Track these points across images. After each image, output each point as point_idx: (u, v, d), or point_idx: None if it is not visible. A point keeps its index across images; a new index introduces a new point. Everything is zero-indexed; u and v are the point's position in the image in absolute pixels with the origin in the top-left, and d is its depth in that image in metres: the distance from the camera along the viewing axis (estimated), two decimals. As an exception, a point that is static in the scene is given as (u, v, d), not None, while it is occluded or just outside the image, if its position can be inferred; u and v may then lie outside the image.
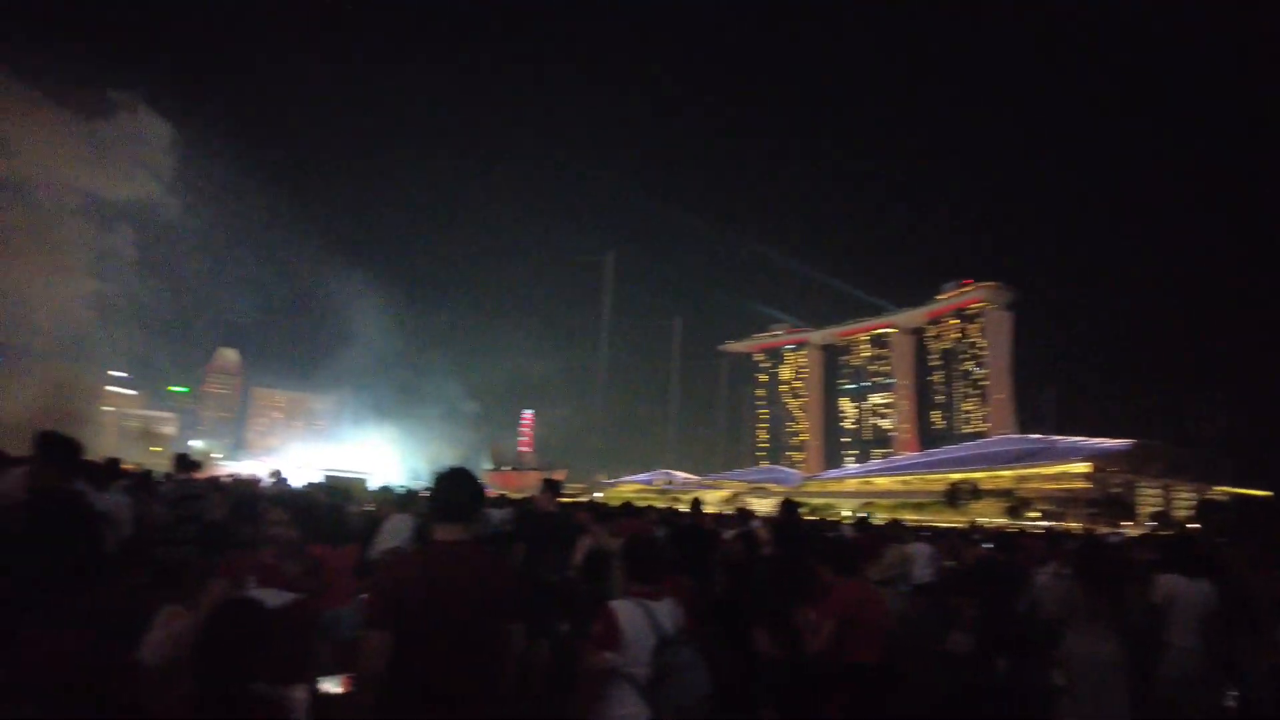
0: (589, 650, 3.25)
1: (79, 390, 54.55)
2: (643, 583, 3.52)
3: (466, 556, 2.84)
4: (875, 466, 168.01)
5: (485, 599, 2.76)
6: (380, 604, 2.69)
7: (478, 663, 2.73)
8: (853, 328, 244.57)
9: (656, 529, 7.87)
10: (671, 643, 3.26)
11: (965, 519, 66.51)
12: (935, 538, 14.56)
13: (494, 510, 13.75)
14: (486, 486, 18.30)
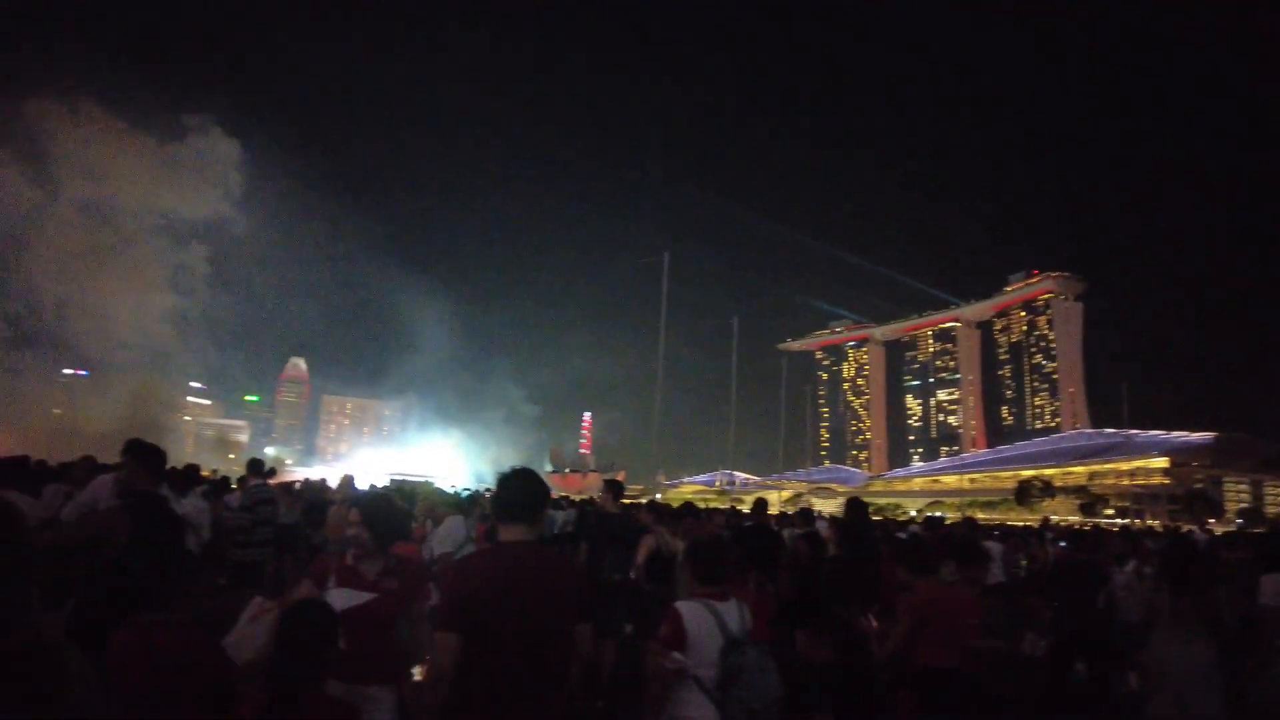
0: (656, 652, 3.22)
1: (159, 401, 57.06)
2: (708, 584, 3.47)
3: (532, 557, 2.83)
4: (942, 464, 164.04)
5: (552, 600, 2.75)
6: (448, 605, 2.72)
7: (546, 664, 2.72)
8: (916, 323, 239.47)
9: (723, 531, 7.81)
10: (739, 644, 3.21)
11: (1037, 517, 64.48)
12: (1005, 537, 14.16)
13: (556, 512, 13.89)
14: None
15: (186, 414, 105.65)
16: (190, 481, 8.60)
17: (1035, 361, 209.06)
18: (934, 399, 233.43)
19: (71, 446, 17.00)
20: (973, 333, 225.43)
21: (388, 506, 3.95)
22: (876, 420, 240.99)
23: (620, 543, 6.95)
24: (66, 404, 55.29)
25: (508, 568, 2.77)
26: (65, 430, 43.20)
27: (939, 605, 4.63)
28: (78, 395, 56.60)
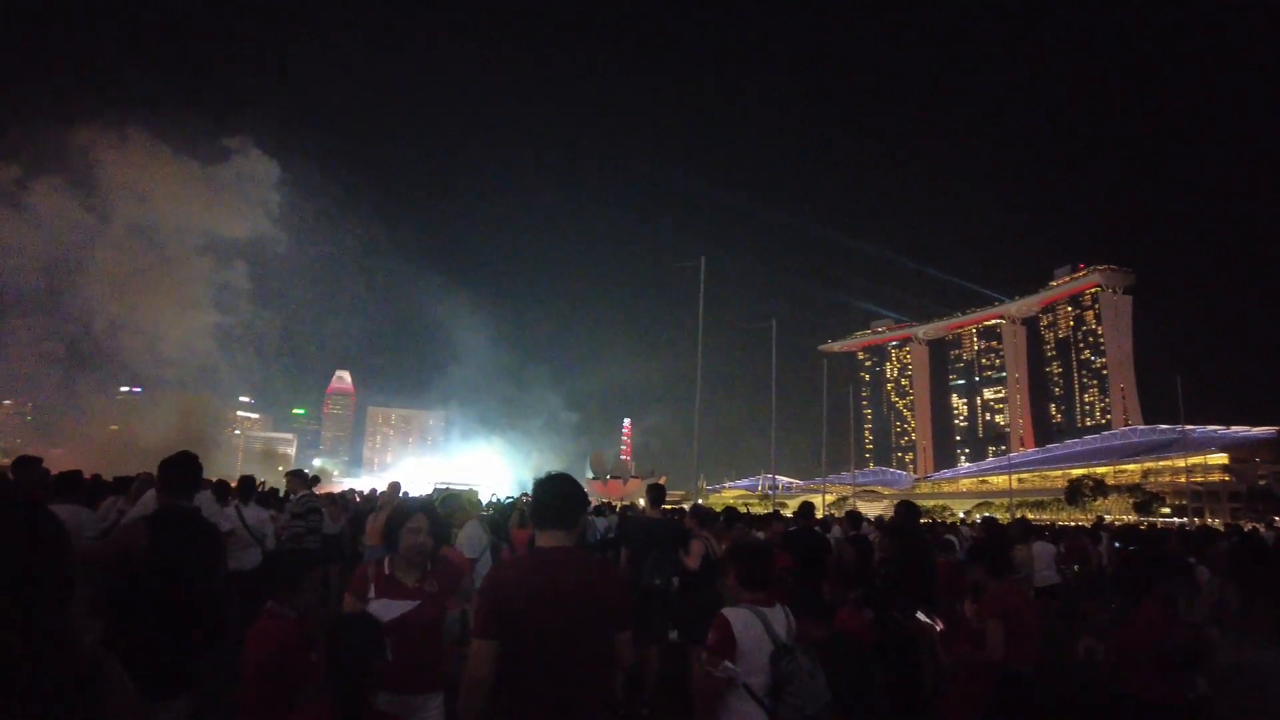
0: (707, 660, 3.16)
1: (207, 415, 58.76)
2: (753, 589, 3.42)
3: (570, 563, 2.79)
4: (990, 465, 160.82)
5: (591, 606, 2.70)
6: (484, 613, 2.68)
7: (586, 671, 2.67)
8: (960, 321, 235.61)
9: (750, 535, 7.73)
10: (789, 650, 3.16)
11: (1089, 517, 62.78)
12: (1056, 537, 13.80)
13: (598, 518, 13.89)
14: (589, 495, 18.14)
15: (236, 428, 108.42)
16: (249, 492, 8.81)
17: (1084, 357, 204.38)
18: (980, 398, 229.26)
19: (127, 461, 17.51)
20: (1018, 329, 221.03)
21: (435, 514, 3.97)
22: (921, 421, 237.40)
23: (661, 548, 6.88)
24: (123, 420, 57.09)
25: (545, 574, 2.73)
26: (121, 445, 44.58)
27: (1019, 607, 4.58)
28: (132, 411, 58.46)
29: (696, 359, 32.55)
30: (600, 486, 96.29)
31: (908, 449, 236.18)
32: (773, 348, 42.25)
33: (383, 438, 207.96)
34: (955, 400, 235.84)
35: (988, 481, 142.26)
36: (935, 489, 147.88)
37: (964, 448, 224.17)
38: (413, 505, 4.10)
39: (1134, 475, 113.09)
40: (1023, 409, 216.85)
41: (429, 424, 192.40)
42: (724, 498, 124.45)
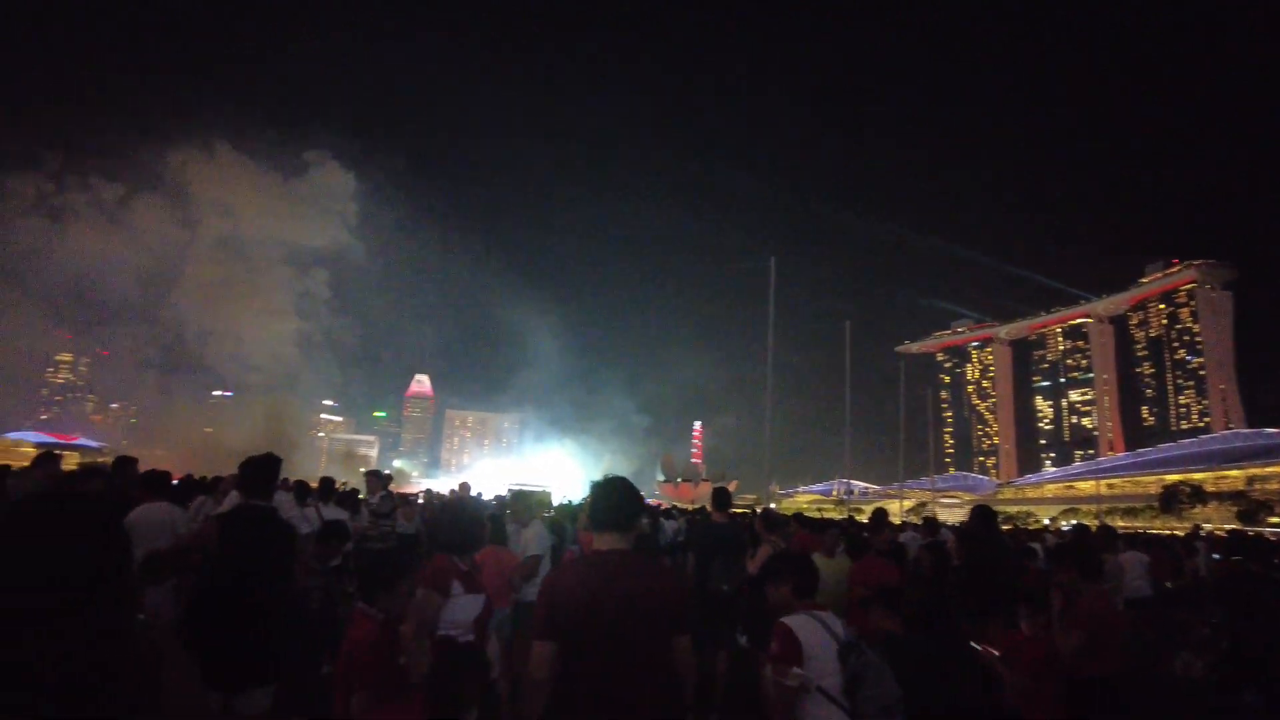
0: (775, 670, 3.15)
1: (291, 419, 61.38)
2: (806, 597, 3.44)
3: (626, 566, 2.79)
4: (1077, 469, 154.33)
5: (647, 609, 2.69)
6: (542, 614, 2.71)
7: (643, 675, 2.66)
8: (1044, 320, 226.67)
9: (838, 544, 7.54)
10: (856, 646, 3.17)
11: (1185, 525, 59.53)
12: (1149, 546, 13.11)
13: (667, 521, 13.87)
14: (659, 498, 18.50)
15: (320, 430, 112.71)
16: (328, 493, 9.11)
17: (1179, 357, 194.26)
18: (1066, 400, 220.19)
19: (218, 461, 18.39)
20: (1106, 328, 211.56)
21: (452, 515, 4.00)
22: (1004, 424, 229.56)
23: (727, 553, 6.80)
24: (215, 422, 60.07)
25: (600, 576, 2.75)
26: (213, 446, 46.87)
27: (1108, 614, 4.44)
28: (223, 414, 61.48)
29: (767, 361, 32.25)
30: (671, 489, 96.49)
31: (989, 453, 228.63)
32: (846, 349, 41.61)
33: (460, 440, 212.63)
34: (1039, 403, 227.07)
35: (1074, 487, 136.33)
36: (1019, 494, 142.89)
37: (1049, 452, 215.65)
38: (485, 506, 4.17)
39: (1237, 482, 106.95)
40: (1112, 411, 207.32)
41: (504, 427, 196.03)
42: (797, 502, 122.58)
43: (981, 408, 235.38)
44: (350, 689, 3.13)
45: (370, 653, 3.16)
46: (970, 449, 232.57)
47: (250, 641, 3.89)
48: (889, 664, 3.22)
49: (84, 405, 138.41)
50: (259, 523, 4.29)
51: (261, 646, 3.97)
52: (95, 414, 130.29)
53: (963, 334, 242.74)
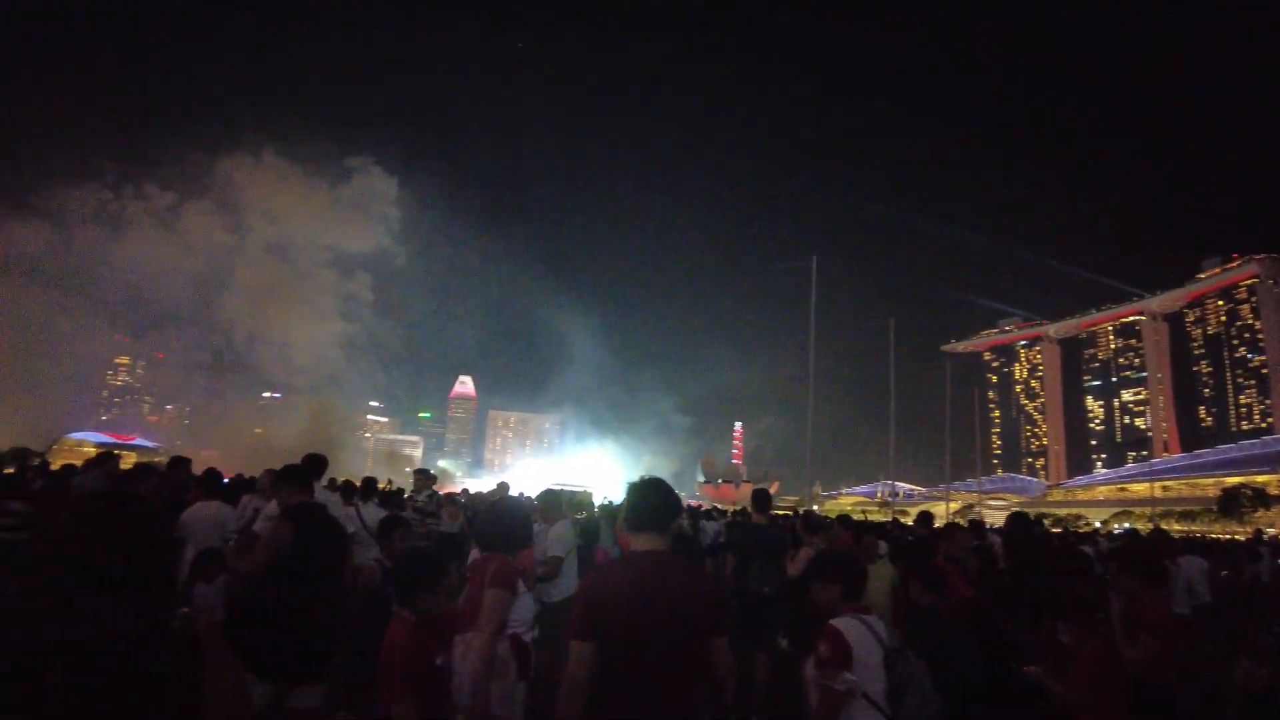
0: (823, 673, 3.14)
1: (336, 419, 62.69)
2: (851, 600, 3.39)
3: (663, 567, 2.80)
4: (1130, 471, 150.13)
5: (683, 611, 2.70)
6: (581, 615, 2.71)
7: (679, 675, 2.68)
8: (1095, 318, 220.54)
9: (877, 545, 7.47)
10: (902, 652, 3.16)
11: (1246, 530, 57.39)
12: (1207, 551, 12.71)
13: (708, 523, 13.84)
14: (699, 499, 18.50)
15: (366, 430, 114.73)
16: (370, 492, 9.28)
17: (1239, 355, 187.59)
18: (1118, 400, 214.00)
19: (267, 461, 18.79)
20: (1160, 326, 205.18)
21: (498, 514, 4.05)
22: (1053, 425, 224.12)
23: (767, 555, 6.77)
24: (265, 423, 61.58)
25: (638, 577, 2.76)
26: (262, 446, 48.02)
27: (1171, 621, 4.36)
28: (272, 415, 62.98)
29: (809, 361, 32.01)
30: (712, 490, 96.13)
31: (1038, 454, 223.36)
32: (891, 348, 41.05)
33: (502, 440, 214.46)
34: (1090, 403, 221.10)
35: (1127, 489, 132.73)
36: (1069, 497, 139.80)
37: (1100, 453, 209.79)
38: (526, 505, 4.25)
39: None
40: (1167, 412, 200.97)
41: (545, 427, 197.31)
42: (841, 504, 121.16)
43: (1030, 408, 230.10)
44: (390, 692, 3.16)
45: (401, 656, 3.16)
46: (1018, 450, 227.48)
47: (311, 636, 4.02)
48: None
49: (141, 407, 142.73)
50: (322, 520, 4.49)
51: (322, 641, 4.10)
52: (152, 415, 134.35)
53: (1010, 332, 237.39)
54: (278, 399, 68.46)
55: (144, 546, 1.47)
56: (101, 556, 1.41)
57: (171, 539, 6.31)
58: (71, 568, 1.40)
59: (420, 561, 3.59)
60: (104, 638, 1.33)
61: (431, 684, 3.28)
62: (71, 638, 1.31)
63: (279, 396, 68.02)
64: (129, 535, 1.46)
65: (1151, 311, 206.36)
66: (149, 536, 1.50)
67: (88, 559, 1.41)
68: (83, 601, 1.35)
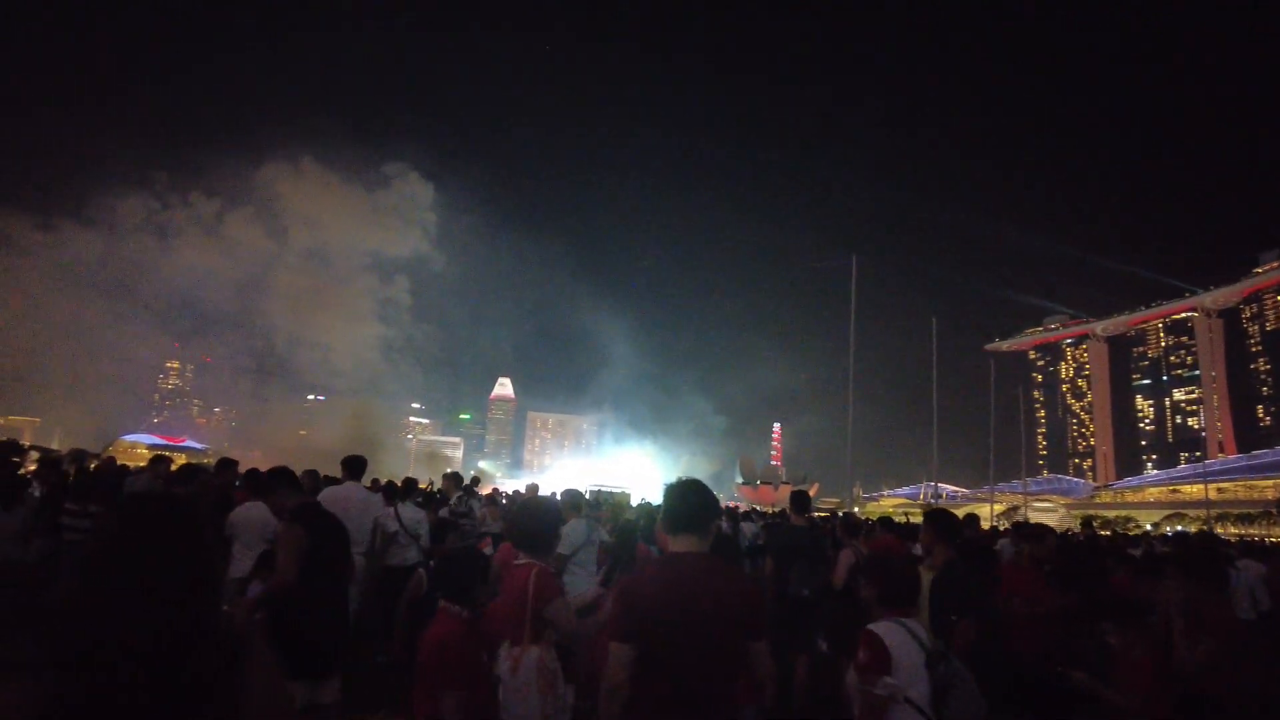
0: (862, 679, 3.08)
1: (376, 421, 63.75)
2: (892, 606, 3.28)
3: (702, 569, 2.78)
4: (1183, 472, 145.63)
5: (722, 613, 2.67)
6: (620, 616, 2.71)
7: (717, 678, 2.65)
8: (1144, 315, 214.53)
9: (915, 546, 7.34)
10: (944, 655, 3.08)
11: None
12: (1265, 555, 12.25)
13: (747, 524, 13.74)
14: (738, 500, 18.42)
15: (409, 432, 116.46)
16: (408, 493, 9.41)
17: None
18: (1169, 399, 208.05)
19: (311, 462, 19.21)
20: (1214, 323, 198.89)
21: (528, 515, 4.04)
22: (1101, 425, 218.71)
23: (807, 557, 6.68)
24: (309, 425, 62.88)
25: (677, 579, 2.73)
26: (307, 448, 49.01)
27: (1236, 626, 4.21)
28: (316, 417, 64.29)
29: (849, 360, 31.61)
30: (750, 492, 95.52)
31: (1085, 455, 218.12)
32: (933, 347, 40.32)
33: (541, 441, 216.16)
34: (1140, 402, 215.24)
35: (1180, 491, 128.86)
36: (1118, 498, 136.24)
37: (1150, 454, 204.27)
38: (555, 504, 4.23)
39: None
40: (1221, 411, 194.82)
41: (583, 428, 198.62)
42: (882, 506, 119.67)
43: (1076, 407, 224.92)
44: (434, 686, 3.15)
45: (455, 652, 3.17)
46: (1065, 451, 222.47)
47: (331, 632, 4.13)
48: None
49: (190, 409, 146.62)
50: (326, 518, 4.66)
51: (340, 636, 4.23)
52: (200, 418, 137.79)
53: (1056, 330, 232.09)
54: (321, 401, 69.80)
55: (189, 547, 1.50)
56: (145, 557, 1.44)
57: (218, 540, 6.45)
58: (117, 568, 1.43)
59: (472, 560, 3.59)
60: (149, 637, 1.35)
61: (483, 681, 3.30)
62: (116, 637, 1.33)
63: (323, 399, 69.40)
64: (173, 536, 1.49)
65: (1205, 308, 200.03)
66: (193, 537, 1.52)
67: (132, 559, 1.44)
68: (128, 601, 1.38)
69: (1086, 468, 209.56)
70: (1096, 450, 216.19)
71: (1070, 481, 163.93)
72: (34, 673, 1.33)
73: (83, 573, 1.45)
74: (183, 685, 1.36)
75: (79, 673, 1.31)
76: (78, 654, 1.33)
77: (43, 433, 79.05)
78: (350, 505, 6.88)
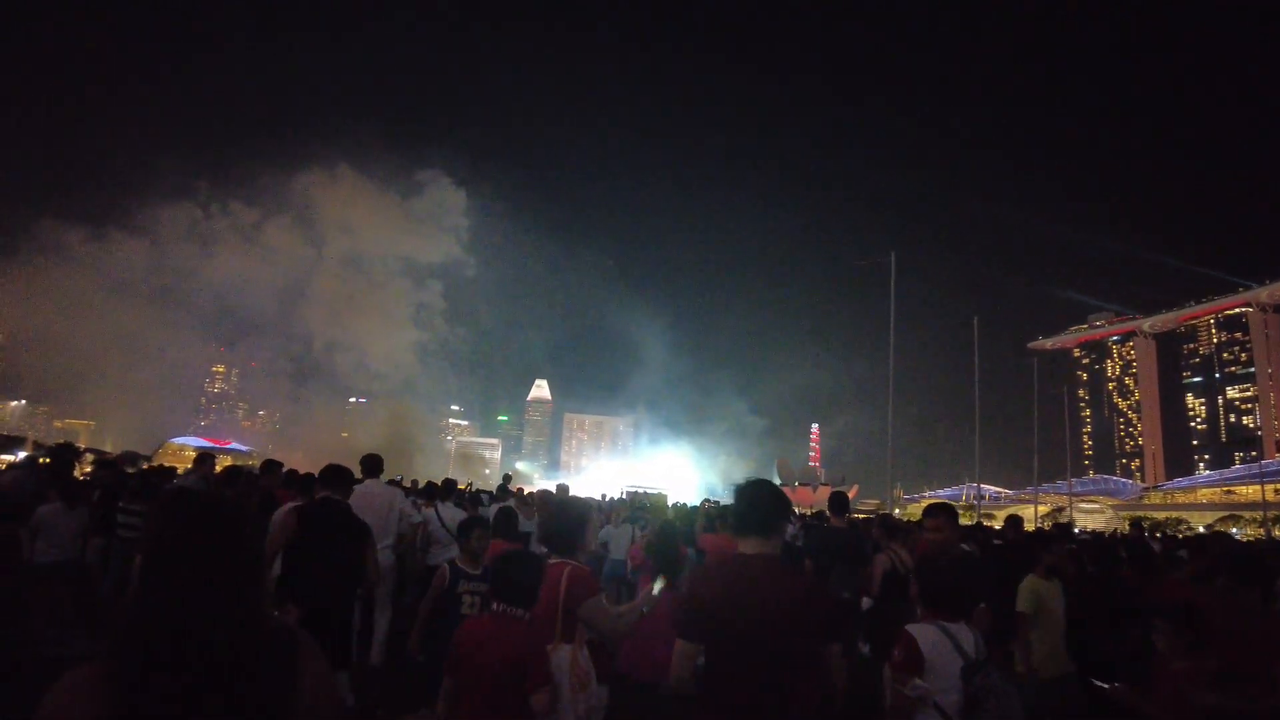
0: (895, 678, 3.07)
1: (413, 422, 64.80)
2: (937, 609, 3.23)
3: (771, 572, 2.79)
4: (1238, 473, 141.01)
5: (790, 616, 2.67)
6: (686, 613, 2.77)
7: (784, 680, 2.65)
8: (1194, 310, 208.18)
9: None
10: (982, 665, 3.03)
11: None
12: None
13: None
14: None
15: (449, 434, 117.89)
16: (448, 493, 9.56)
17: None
18: (1222, 397, 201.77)
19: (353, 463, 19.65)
20: (1270, 318, 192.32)
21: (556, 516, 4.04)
22: (1149, 424, 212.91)
23: (846, 559, 6.63)
24: (350, 426, 64.11)
25: (742, 579, 2.75)
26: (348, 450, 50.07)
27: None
28: (358, 420, 65.59)
29: (889, 360, 31.25)
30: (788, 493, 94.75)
31: (1133, 455, 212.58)
32: (974, 346, 39.68)
33: (578, 442, 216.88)
34: (1190, 400, 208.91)
35: (1234, 492, 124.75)
36: (1167, 499, 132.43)
37: (1203, 453, 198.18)
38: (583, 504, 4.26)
39: None
40: (1278, 409, 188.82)
41: (619, 429, 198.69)
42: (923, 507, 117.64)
43: (1123, 406, 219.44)
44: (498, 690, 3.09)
45: (531, 652, 3.13)
46: (1111, 451, 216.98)
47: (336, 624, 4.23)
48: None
49: (236, 413, 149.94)
50: (335, 516, 4.76)
51: (343, 629, 4.34)
52: (245, 420, 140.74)
53: (1101, 328, 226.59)
54: (363, 404, 71.04)
55: (234, 544, 1.54)
56: (193, 550, 1.47)
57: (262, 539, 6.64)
58: (168, 564, 1.47)
59: (530, 560, 3.54)
60: (203, 635, 1.39)
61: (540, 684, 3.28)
62: (173, 635, 1.38)
63: (364, 401, 70.66)
64: (219, 532, 1.52)
65: (1260, 302, 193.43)
66: (239, 534, 1.56)
67: (182, 553, 1.47)
68: (182, 598, 1.42)
69: (1134, 468, 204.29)
70: (1145, 450, 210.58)
71: (1118, 482, 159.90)
72: (94, 666, 1.38)
73: (139, 573, 1.50)
74: (237, 682, 1.40)
75: (140, 670, 1.34)
76: (137, 652, 1.36)
77: (97, 436, 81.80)
78: (372, 501, 7.10)
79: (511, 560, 3.43)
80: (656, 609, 5.67)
